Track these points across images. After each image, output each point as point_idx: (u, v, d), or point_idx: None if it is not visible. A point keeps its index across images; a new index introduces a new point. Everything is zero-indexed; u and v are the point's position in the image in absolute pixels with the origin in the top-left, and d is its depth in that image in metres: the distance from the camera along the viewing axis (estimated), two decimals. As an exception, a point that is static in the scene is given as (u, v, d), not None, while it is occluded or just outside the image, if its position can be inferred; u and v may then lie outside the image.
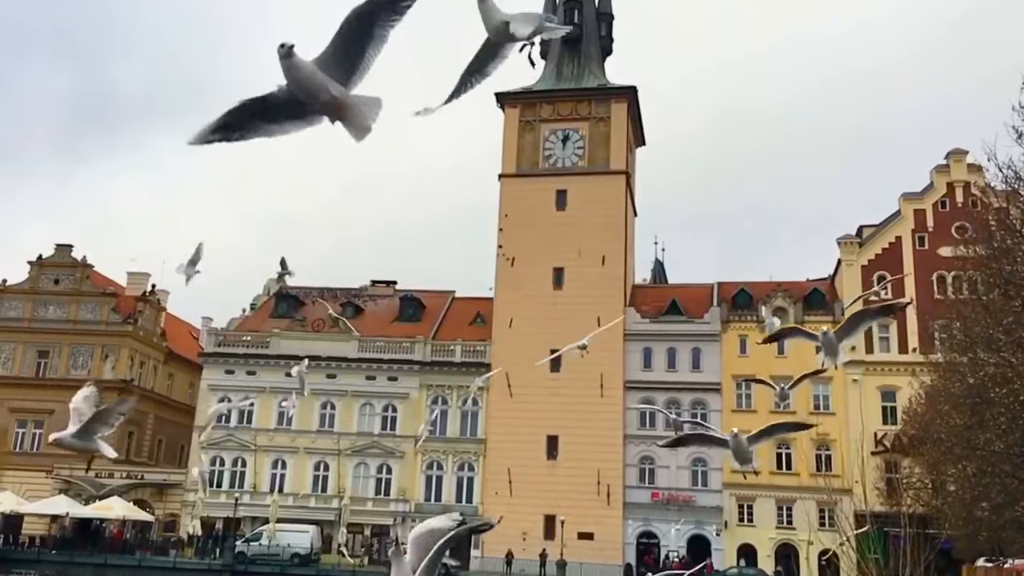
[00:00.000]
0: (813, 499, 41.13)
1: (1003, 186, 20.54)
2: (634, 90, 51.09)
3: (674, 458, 44.41)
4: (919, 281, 43.58)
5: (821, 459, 42.85)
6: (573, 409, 44.53)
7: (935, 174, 46.06)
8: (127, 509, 42.84)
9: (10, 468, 48.02)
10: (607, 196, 48.64)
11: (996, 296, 20.04)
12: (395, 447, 46.72)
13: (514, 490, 44.32)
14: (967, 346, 22.40)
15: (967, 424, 21.40)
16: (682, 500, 43.91)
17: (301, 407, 47.84)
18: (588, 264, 46.89)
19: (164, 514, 46.97)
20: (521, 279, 47.40)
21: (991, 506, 21.75)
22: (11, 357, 50.84)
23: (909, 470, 35.92)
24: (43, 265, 52.23)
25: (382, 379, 47.83)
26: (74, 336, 50.88)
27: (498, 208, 49.71)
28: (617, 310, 46.02)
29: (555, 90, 51.41)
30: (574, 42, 53.00)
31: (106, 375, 50.05)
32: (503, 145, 50.89)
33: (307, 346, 48.17)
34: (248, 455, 47.22)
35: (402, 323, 51.01)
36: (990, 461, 20.00)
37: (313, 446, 47.18)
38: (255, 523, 44.02)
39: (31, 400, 49.49)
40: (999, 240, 20.34)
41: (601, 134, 49.97)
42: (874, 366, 43.54)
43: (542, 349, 46.14)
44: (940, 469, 27.49)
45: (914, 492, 33.73)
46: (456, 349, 48.09)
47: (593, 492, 43.96)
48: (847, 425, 42.61)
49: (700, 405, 44.83)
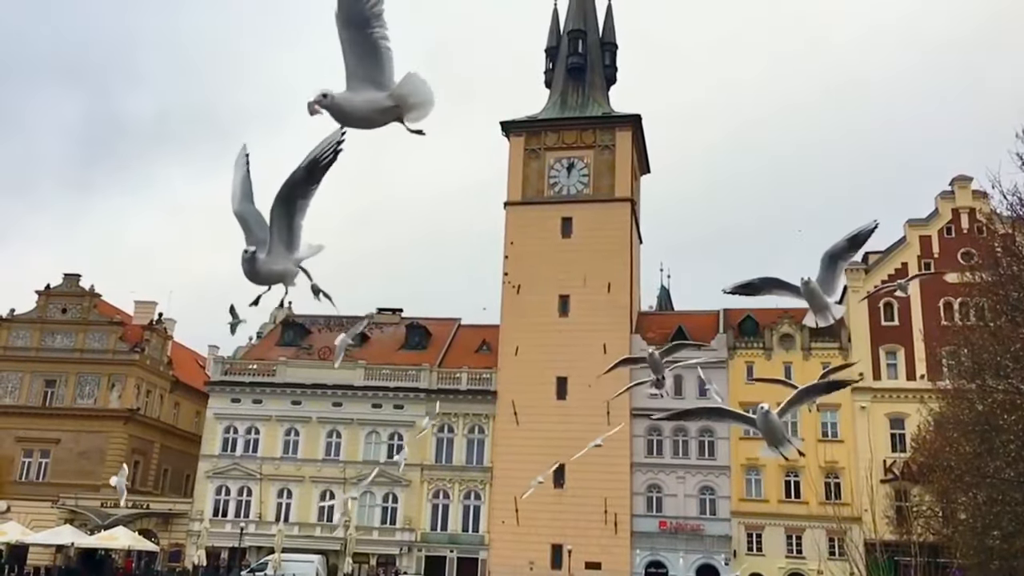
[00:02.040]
0: (823, 528, 40.78)
1: (1008, 213, 20.60)
2: (638, 118, 51.42)
3: (682, 486, 44.14)
4: (926, 307, 43.50)
5: (830, 487, 42.50)
6: (579, 437, 43.95)
7: (940, 200, 46.12)
8: (132, 539, 42.64)
9: (16, 498, 47.92)
10: (612, 224, 48.78)
11: (1003, 323, 20.02)
12: (401, 476, 46.50)
13: (521, 519, 44.02)
14: (975, 373, 22.32)
15: (976, 451, 21.28)
16: (690, 529, 43.55)
17: (306, 436, 47.82)
18: (594, 291, 46.92)
19: (169, 544, 46.72)
20: (527, 307, 47.43)
21: (1002, 534, 21.55)
22: (18, 386, 50.90)
23: (919, 498, 35.59)
24: (51, 294, 52.45)
25: (388, 407, 47.76)
26: (81, 365, 50.95)
27: (504, 236, 49.89)
28: (623, 337, 46.03)
29: (560, 119, 51.77)
30: (578, 71, 53.49)
31: (112, 404, 50.12)
32: (508, 173, 51.18)
33: (313, 374, 48.24)
34: (254, 484, 47.05)
35: (408, 351, 51.02)
36: (1000, 489, 19.86)
37: (319, 475, 47.00)
38: (260, 553, 43.77)
39: (37, 429, 49.50)
40: (1005, 267, 20.36)
41: (606, 162, 50.22)
42: (882, 393, 43.34)
43: (548, 376, 46.35)
44: (950, 497, 27.27)
45: (924, 520, 33.44)
46: (462, 377, 48.03)
47: (600, 521, 43.64)
48: (856, 453, 42.33)
49: (707, 432, 44.58)
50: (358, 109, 4.36)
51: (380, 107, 4.41)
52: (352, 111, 4.35)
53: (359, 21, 4.29)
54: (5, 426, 49.63)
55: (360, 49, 4.34)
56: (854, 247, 7.11)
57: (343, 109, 4.32)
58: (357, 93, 4.37)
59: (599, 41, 55.05)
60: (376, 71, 4.40)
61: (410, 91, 4.49)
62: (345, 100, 4.33)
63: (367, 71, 4.38)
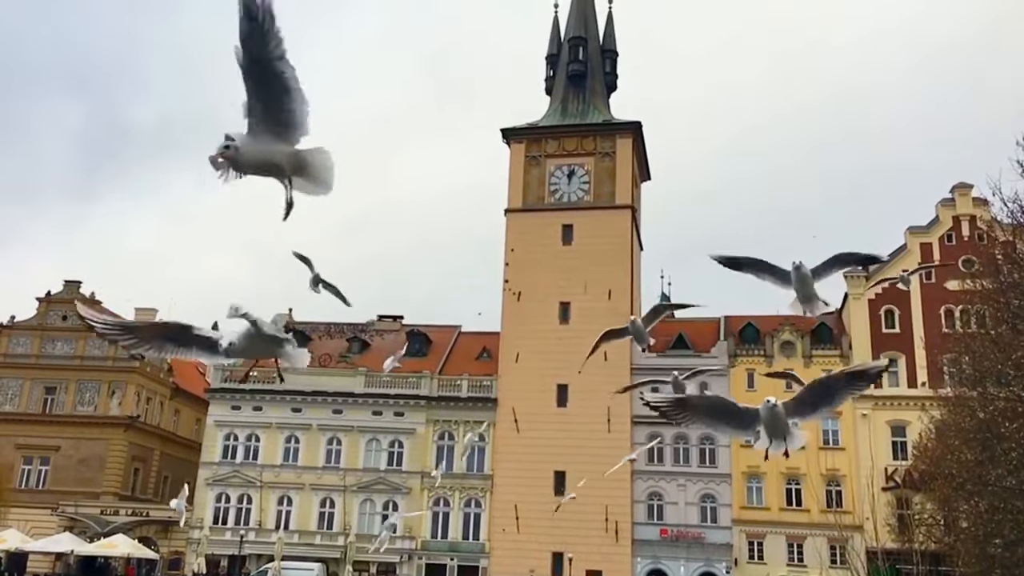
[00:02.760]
0: (824, 536, 40.66)
1: (1009, 220, 20.58)
2: (638, 125, 51.48)
3: (683, 494, 44.06)
4: (927, 315, 43.47)
5: (831, 495, 42.43)
6: (580, 444, 44.25)
7: (940, 208, 46.12)
8: (132, 546, 42.55)
9: (15, 505, 47.85)
10: (613, 231, 48.79)
11: (1005, 330, 19.99)
12: (401, 483, 46.42)
13: (521, 527, 43.91)
14: (976, 380, 22.29)
15: (978, 459, 21.22)
16: (691, 537, 43.44)
17: (307, 443, 47.74)
18: (594, 299, 46.87)
19: (169, 552, 46.63)
20: (527, 314, 47.40)
21: (1004, 543, 21.48)
22: (18, 393, 50.87)
23: (921, 506, 35.50)
24: (51, 301, 52.47)
25: (388, 414, 47.69)
26: (81, 372, 50.93)
27: (504, 243, 49.91)
28: (624, 345, 45.88)
29: (560, 126, 51.85)
30: (579, 78, 53.60)
31: (112, 411, 50.09)
32: (509, 180, 51.23)
33: (314, 381, 48.17)
34: (254, 492, 46.95)
35: (408, 358, 50.85)
36: (1002, 497, 19.80)
37: (319, 482, 46.92)
38: (260, 561, 43.67)
39: (37, 436, 49.45)
40: (1006, 274, 20.35)
41: (606, 169, 50.27)
42: (883, 400, 43.25)
43: (549, 383, 46.29)
44: (952, 505, 27.19)
45: (926, 529, 33.32)
46: (463, 384, 47.98)
47: (601, 529, 43.53)
48: (857, 460, 42.25)
49: (708, 440, 44.50)
50: (255, 159, 4.12)
51: (275, 162, 4.19)
52: (249, 160, 4.11)
53: (263, 62, 3.97)
54: (5, 433, 49.58)
55: (266, 92, 4.02)
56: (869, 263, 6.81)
57: (240, 158, 4.08)
58: (258, 141, 4.10)
59: (600, 48, 55.18)
60: (284, 116, 4.10)
61: (313, 164, 4.29)
62: (245, 148, 4.08)
63: (273, 116, 4.08)
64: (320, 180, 4.35)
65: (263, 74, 3.98)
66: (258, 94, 4.02)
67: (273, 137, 4.12)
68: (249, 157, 4.10)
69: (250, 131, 4.10)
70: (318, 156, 4.31)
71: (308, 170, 4.30)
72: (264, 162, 4.16)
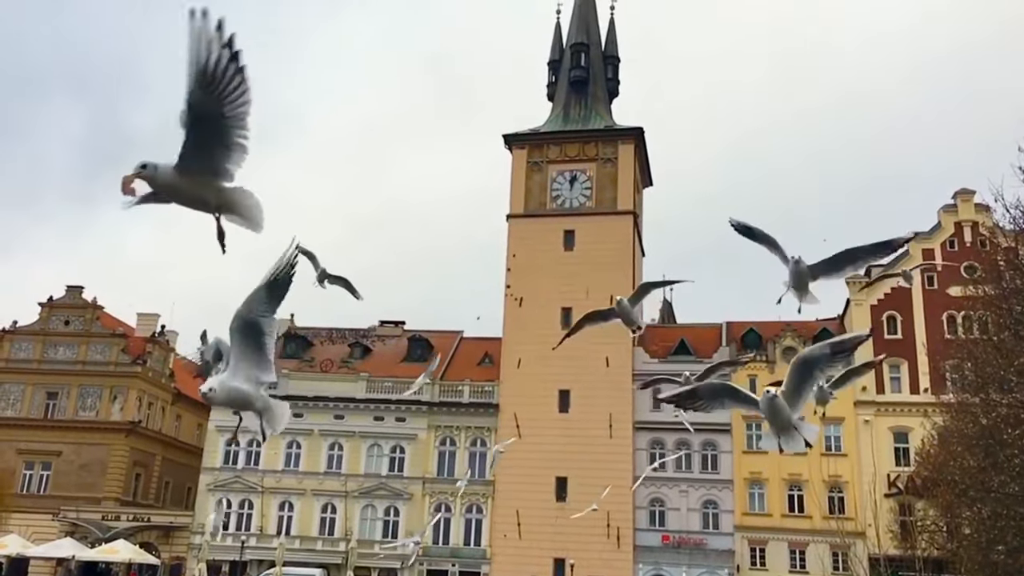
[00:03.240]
0: (826, 543, 40.57)
1: (1011, 226, 20.57)
2: (640, 131, 51.55)
3: (684, 500, 43.98)
4: (929, 321, 43.44)
5: (834, 501, 42.34)
6: (582, 450, 44.23)
7: (942, 214, 46.10)
8: (133, 552, 42.51)
9: (16, 510, 47.80)
10: (615, 236, 48.80)
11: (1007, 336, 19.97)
12: (403, 488, 46.37)
13: (523, 533, 43.85)
14: (979, 387, 22.26)
15: (981, 466, 21.18)
16: (693, 543, 43.35)
17: (308, 449, 47.71)
18: (596, 304, 46.03)
19: (170, 557, 46.57)
20: (529, 319, 47.40)
21: (1007, 549, 21.42)
22: (20, 398, 50.87)
23: (923, 512, 35.45)
24: (53, 306, 52.49)
25: (390, 420, 47.66)
26: (83, 377, 50.91)
27: (506, 248, 49.93)
28: (625, 350, 45.93)
29: (562, 132, 51.91)
30: (581, 84, 53.69)
31: (114, 416, 50.06)
32: (511, 186, 51.28)
33: (315, 387, 48.16)
34: (255, 497, 46.91)
35: (410, 363, 50.91)
36: (1005, 503, 19.75)
37: (320, 488, 46.87)
38: (261, 566, 43.61)
39: (39, 441, 49.43)
40: (1008, 280, 20.33)
41: (608, 175, 50.31)
42: (885, 407, 43.21)
43: (551, 389, 46.27)
44: (955, 512, 27.13)
45: (929, 535, 33.27)
46: (464, 390, 47.96)
47: (603, 535, 43.44)
48: (859, 467, 42.18)
49: (710, 446, 44.45)
50: (176, 188, 4.13)
51: (198, 196, 4.20)
52: (169, 188, 4.11)
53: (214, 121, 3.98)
54: (6, 438, 49.56)
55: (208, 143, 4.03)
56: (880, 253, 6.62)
57: (162, 184, 4.07)
58: (183, 172, 4.09)
59: (602, 54, 55.28)
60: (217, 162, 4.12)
61: (240, 204, 4.33)
62: (164, 175, 4.07)
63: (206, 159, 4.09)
64: (249, 218, 4.41)
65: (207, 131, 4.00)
66: (197, 141, 4.03)
67: (201, 172, 4.13)
68: (170, 185, 4.12)
69: (179, 165, 4.10)
70: (243, 196, 4.36)
71: (235, 208, 4.36)
72: (187, 194, 4.18)
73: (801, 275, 6.69)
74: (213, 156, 4.07)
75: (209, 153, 4.05)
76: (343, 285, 9.23)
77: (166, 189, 4.16)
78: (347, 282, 9.16)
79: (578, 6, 56.45)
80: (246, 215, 4.39)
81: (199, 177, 4.13)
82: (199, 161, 4.06)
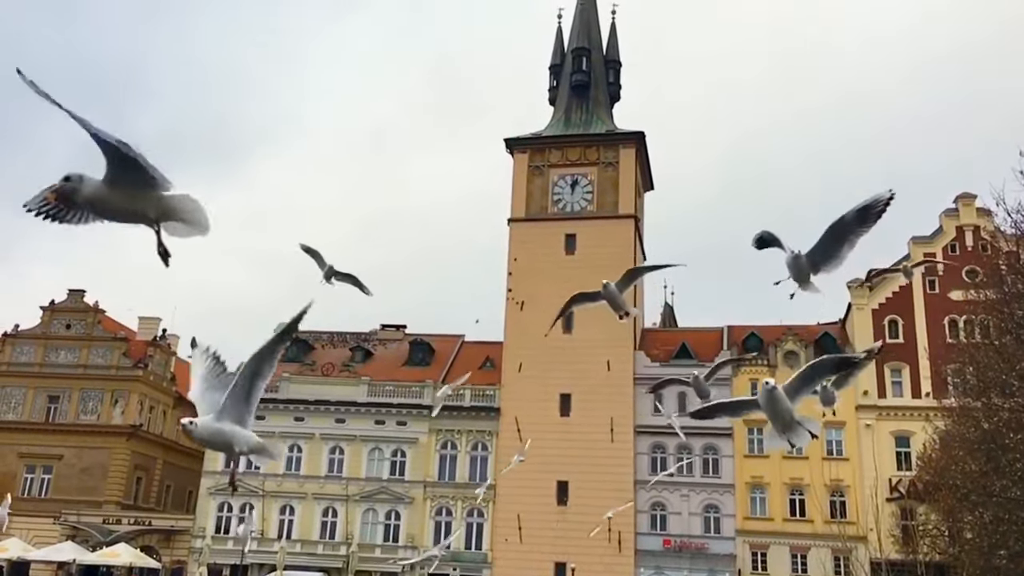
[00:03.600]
0: (828, 547, 40.51)
1: (1012, 230, 20.56)
2: (642, 135, 51.59)
3: (686, 504, 43.93)
4: (931, 325, 43.40)
5: (835, 505, 42.30)
6: (583, 454, 44.21)
7: (944, 218, 46.09)
8: (134, 556, 42.48)
9: (17, 514, 47.57)
10: (616, 240, 48.80)
11: (1009, 341, 19.96)
12: (404, 492, 46.34)
13: (524, 536, 43.81)
14: (981, 391, 22.24)
15: (983, 470, 21.16)
16: (695, 547, 43.29)
17: (309, 453, 47.70)
18: (597, 308, 46.73)
19: (171, 561, 46.53)
20: (530, 323, 47.35)
21: (1009, 554, 21.40)
22: (21, 402, 50.89)
23: (925, 517, 35.39)
24: (55, 310, 52.52)
25: (391, 424, 47.65)
26: (84, 381, 50.93)
27: (507, 252, 49.95)
28: (627, 354, 45.96)
29: (564, 136, 51.96)
30: (583, 88, 53.77)
31: (115, 420, 50.08)
32: (512, 190, 51.32)
33: (316, 390, 48.17)
34: (256, 501, 46.89)
35: (412, 367, 50.97)
36: (1007, 508, 19.73)
37: (321, 492, 46.84)
38: (262, 570, 43.58)
39: (40, 445, 49.44)
40: (1010, 284, 20.32)
41: (610, 179, 50.35)
42: (887, 411, 43.16)
43: (552, 393, 46.24)
44: (956, 516, 27.10)
45: (930, 540, 33.21)
46: (465, 393, 47.92)
47: (604, 539, 43.33)
48: (861, 471, 42.13)
49: (711, 450, 44.41)
50: (109, 203, 4.00)
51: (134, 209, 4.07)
52: (101, 202, 3.97)
53: None
54: (8, 442, 49.59)
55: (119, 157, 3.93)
56: (866, 220, 6.41)
57: (91, 197, 3.92)
58: (114, 185, 3.97)
59: (603, 59, 55.36)
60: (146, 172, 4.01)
61: (181, 209, 4.22)
62: (96, 190, 3.93)
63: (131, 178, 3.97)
64: (193, 222, 4.28)
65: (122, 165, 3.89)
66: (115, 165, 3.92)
67: (136, 187, 4.01)
68: (99, 199, 3.96)
69: (107, 178, 3.97)
70: (185, 202, 4.23)
71: (178, 215, 4.23)
72: (120, 207, 4.04)
73: (801, 270, 6.69)
74: (141, 168, 3.94)
75: (136, 165, 3.91)
76: (351, 282, 9.10)
77: (95, 203, 3.98)
78: (355, 279, 9.03)
79: (580, 10, 56.57)
80: (189, 219, 4.26)
81: (132, 189, 3.97)
82: (129, 171, 3.92)
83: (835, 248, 6.53)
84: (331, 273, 8.94)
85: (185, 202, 4.23)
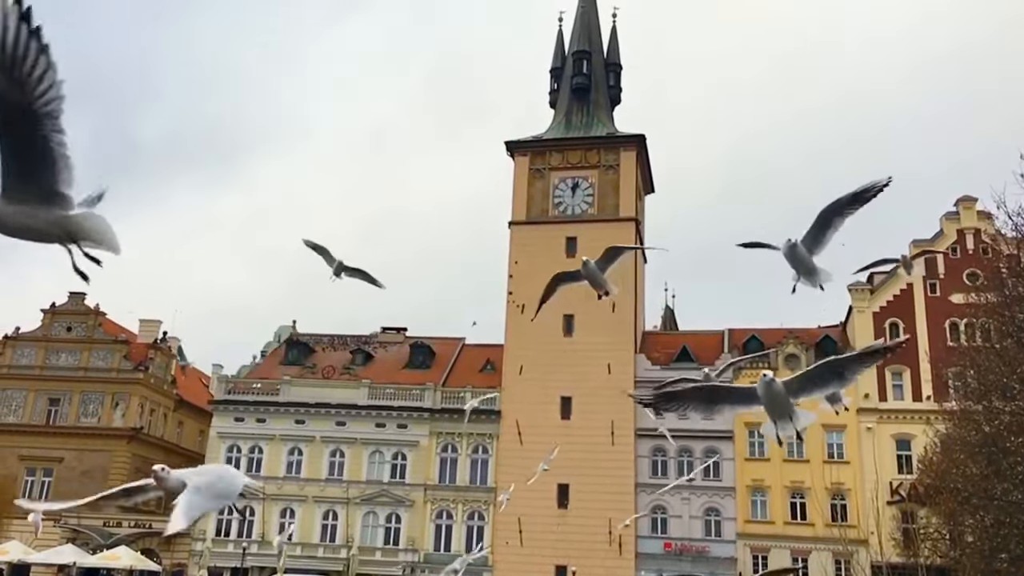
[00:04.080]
0: (829, 550, 40.47)
1: (1013, 233, 20.56)
2: (642, 138, 51.62)
3: (687, 507, 43.88)
4: (931, 328, 43.37)
5: (836, 509, 42.25)
6: (584, 457, 44.15)
7: (945, 221, 46.09)
8: (134, 559, 42.44)
9: (18, 517, 47.69)
10: (617, 243, 48.54)
11: (1010, 344, 19.95)
12: (404, 495, 46.31)
13: (524, 539, 43.76)
14: (982, 394, 22.23)
15: (984, 473, 21.15)
16: (695, 551, 43.24)
17: (310, 455, 47.68)
18: (598, 311, 46.65)
19: (171, 564, 46.50)
20: (531, 326, 47.22)
21: (1010, 557, 21.38)
22: (22, 404, 50.90)
23: (926, 520, 35.34)
24: (56, 313, 52.54)
25: (392, 426, 47.62)
26: (85, 383, 50.93)
27: (508, 255, 49.96)
28: (627, 357, 45.97)
29: (565, 139, 51.98)
30: (583, 91, 53.81)
31: (116, 423, 50.07)
32: (513, 193, 51.35)
33: (317, 393, 48.17)
34: (256, 504, 46.86)
35: (412, 370, 50.95)
36: (1008, 511, 19.72)
37: (322, 495, 46.81)
38: (262, 573, 43.55)
39: (41, 448, 49.43)
40: (1011, 287, 20.32)
41: (610, 182, 50.37)
42: (888, 414, 43.12)
43: (552, 396, 46.22)
44: (957, 519, 27.07)
45: (931, 543, 33.16)
46: (466, 396, 47.87)
47: (604, 542, 43.36)
48: (862, 474, 42.08)
49: (712, 453, 44.35)
50: (14, 222, 3.72)
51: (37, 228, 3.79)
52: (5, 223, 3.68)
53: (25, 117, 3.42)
54: (8, 444, 49.58)
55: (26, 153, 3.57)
56: (857, 203, 6.28)
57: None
58: (14, 203, 3.68)
59: (604, 62, 55.40)
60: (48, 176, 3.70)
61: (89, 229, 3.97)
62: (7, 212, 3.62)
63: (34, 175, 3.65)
64: (103, 242, 4.05)
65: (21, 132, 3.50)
66: (14, 154, 3.54)
67: (37, 202, 3.72)
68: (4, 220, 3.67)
69: (7, 192, 3.65)
70: (90, 220, 3.98)
71: (85, 235, 3.98)
72: (23, 226, 3.76)
73: (799, 258, 6.50)
74: (35, 176, 3.63)
75: (30, 172, 3.61)
76: (361, 277, 8.96)
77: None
78: (366, 273, 8.91)
79: (580, 14, 56.61)
80: (99, 239, 4.02)
81: (30, 207, 3.68)
82: (25, 183, 3.62)
83: (823, 233, 6.43)
84: (341, 268, 8.83)
85: (91, 220, 3.97)
